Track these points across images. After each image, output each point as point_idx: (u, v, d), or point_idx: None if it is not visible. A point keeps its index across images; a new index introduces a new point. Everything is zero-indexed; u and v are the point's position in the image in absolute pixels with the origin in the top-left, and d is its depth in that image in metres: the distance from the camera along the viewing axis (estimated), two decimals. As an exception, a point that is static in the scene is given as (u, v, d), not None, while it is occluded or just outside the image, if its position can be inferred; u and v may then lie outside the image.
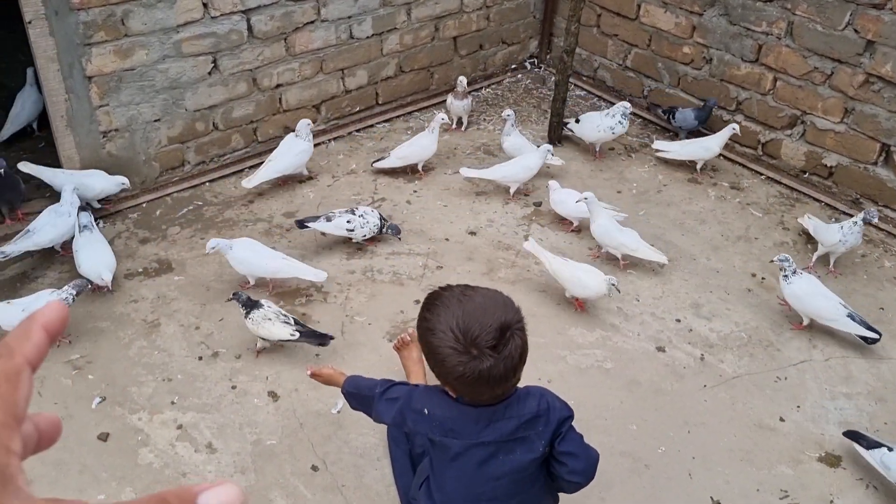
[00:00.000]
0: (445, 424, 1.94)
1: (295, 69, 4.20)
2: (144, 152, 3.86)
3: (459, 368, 1.76)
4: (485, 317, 1.76)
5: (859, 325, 3.17)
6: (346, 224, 3.55)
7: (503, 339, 1.75)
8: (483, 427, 1.92)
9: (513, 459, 1.95)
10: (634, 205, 4.09)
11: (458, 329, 1.75)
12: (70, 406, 2.85)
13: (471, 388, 1.83)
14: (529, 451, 1.95)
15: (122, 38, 3.53)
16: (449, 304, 1.81)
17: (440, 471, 2.05)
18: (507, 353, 1.76)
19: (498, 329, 1.75)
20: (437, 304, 1.84)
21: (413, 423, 1.99)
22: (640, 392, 3.04)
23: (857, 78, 3.87)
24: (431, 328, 1.81)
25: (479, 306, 1.79)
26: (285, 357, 3.09)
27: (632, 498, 2.63)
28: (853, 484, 2.72)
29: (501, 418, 1.92)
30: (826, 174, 4.15)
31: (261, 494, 2.58)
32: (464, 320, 1.76)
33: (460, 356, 1.75)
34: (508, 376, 1.81)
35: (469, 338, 1.74)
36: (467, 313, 1.77)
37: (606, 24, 4.92)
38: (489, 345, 1.74)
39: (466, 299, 1.81)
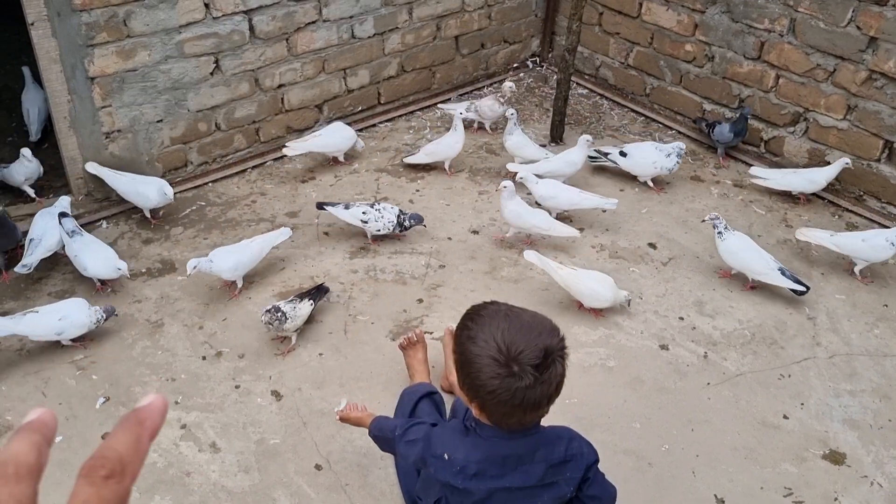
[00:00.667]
0: (469, 469, 1.87)
1: (297, 69, 4.21)
2: (147, 153, 3.86)
3: (495, 382, 1.68)
4: (531, 336, 1.69)
5: (789, 280, 3.36)
6: (362, 215, 3.56)
7: (546, 361, 1.68)
8: (511, 470, 1.85)
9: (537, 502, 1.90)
10: (637, 202, 4.09)
11: (502, 341, 1.68)
12: (74, 406, 2.86)
13: (500, 409, 1.74)
14: (556, 498, 1.90)
15: (124, 38, 3.53)
16: (495, 316, 1.74)
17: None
18: (546, 377, 1.69)
19: (543, 350, 1.68)
20: (483, 315, 1.77)
21: (435, 469, 1.91)
22: (644, 390, 3.03)
23: (859, 75, 3.86)
24: (473, 337, 1.73)
25: (527, 324, 1.72)
26: (289, 356, 3.10)
27: (635, 496, 2.63)
28: (858, 481, 2.71)
29: (530, 461, 1.86)
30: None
31: (264, 493, 2.58)
32: (510, 334, 1.69)
33: (499, 368, 1.68)
34: (542, 403, 1.74)
35: (513, 352, 1.67)
36: (514, 328, 1.70)
37: (608, 23, 4.91)
38: (532, 363, 1.67)
39: (514, 315, 1.74)
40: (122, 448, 0.50)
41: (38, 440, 0.50)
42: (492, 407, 1.76)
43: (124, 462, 0.49)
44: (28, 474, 0.48)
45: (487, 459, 1.85)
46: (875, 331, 3.35)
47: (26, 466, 0.48)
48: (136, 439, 0.51)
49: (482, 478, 1.86)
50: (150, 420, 0.53)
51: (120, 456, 0.49)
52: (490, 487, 1.87)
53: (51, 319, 2.95)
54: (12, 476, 0.48)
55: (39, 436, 0.51)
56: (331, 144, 4.15)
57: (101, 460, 0.49)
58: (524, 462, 1.85)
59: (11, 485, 0.47)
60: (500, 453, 1.85)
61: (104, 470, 0.49)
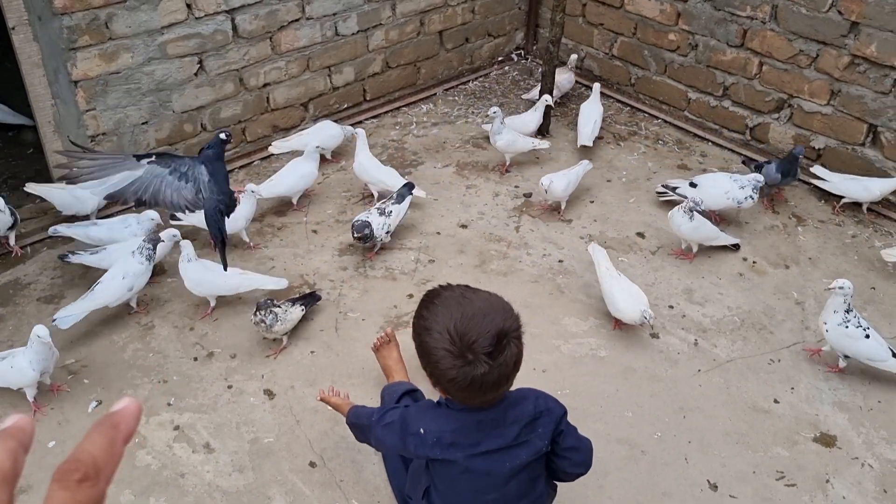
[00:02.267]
0: (444, 439, 1.92)
1: (281, 68, 4.20)
2: (133, 155, 3.85)
3: (452, 372, 1.74)
4: (483, 322, 1.73)
5: (728, 237, 3.68)
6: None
7: (500, 346, 1.73)
8: (485, 436, 1.91)
9: (518, 463, 1.94)
10: (625, 192, 4.10)
11: (455, 332, 1.73)
12: (66, 411, 2.85)
13: (462, 393, 1.82)
14: (534, 453, 1.96)
15: (106, 41, 3.52)
16: (448, 304, 1.78)
17: (445, 485, 2.02)
18: (502, 360, 1.74)
19: (495, 336, 1.72)
20: (436, 304, 1.81)
21: (414, 447, 1.96)
22: (635, 379, 3.05)
23: (842, 60, 3.88)
24: (428, 328, 1.78)
25: (479, 310, 1.75)
26: (281, 355, 3.10)
27: (629, 484, 2.64)
28: (849, 463, 2.74)
29: (502, 425, 1.91)
30: (814, 157, 4.16)
31: (259, 492, 2.58)
32: (462, 323, 1.73)
33: (454, 360, 1.73)
34: (501, 383, 1.80)
35: (465, 342, 1.72)
36: (466, 317, 1.74)
37: (592, 14, 4.92)
38: (485, 351, 1.72)
39: (466, 302, 1.78)
40: (97, 451, 0.50)
41: (14, 446, 0.50)
42: (454, 392, 1.83)
43: (98, 465, 0.49)
44: (3, 480, 0.48)
45: (461, 429, 1.91)
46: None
47: (1, 473, 0.48)
48: (111, 443, 0.51)
49: (459, 446, 1.91)
50: (124, 424, 0.53)
51: (94, 459, 0.49)
52: (468, 454, 1.91)
53: (117, 280, 3.04)
54: None
55: (15, 442, 0.50)
56: (316, 143, 4.13)
57: (75, 464, 0.49)
58: (497, 426, 1.91)
59: None
60: (472, 421, 1.91)
61: (78, 473, 0.48)
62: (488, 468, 1.93)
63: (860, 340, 2.92)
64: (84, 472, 0.49)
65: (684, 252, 3.66)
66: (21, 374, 2.70)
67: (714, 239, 3.61)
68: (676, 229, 3.57)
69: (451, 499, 2.04)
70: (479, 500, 1.99)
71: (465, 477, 1.96)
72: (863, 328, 2.93)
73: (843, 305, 2.92)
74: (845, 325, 2.91)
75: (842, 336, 2.93)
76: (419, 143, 4.47)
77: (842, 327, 2.92)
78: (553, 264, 3.60)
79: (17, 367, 2.69)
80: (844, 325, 2.92)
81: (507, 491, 1.98)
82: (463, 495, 2.01)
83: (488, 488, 1.97)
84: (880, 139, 3.90)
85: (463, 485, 1.98)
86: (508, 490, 1.98)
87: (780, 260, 3.67)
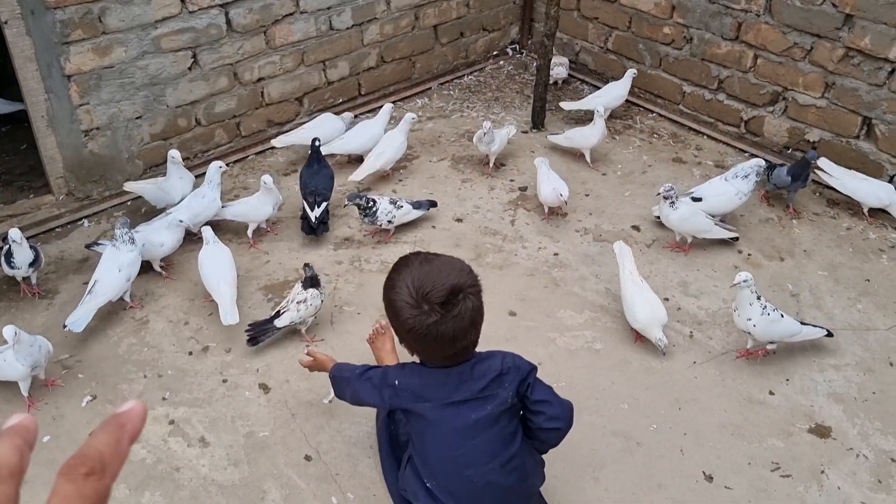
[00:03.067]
0: (415, 391, 2.07)
1: (276, 62, 4.19)
2: (127, 150, 3.84)
3: (410, 321, 1.91)
4: (439, 277, 1.92)
5: (723, 230, 3.64)
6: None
7: (454, 299, 1.90)
8: (453, 389, 2.04)
9: (484, 414, 2.04)
10: (620, 186, 4.10)
11: (412, 285, 1.92)
12: (61, 405, 2.84)
13: (422, 345, 1.98)
14: (500, 404, 2.06)
15: (99, 35, 3.51)
16: (411, 265, 1.98)
17: (420, 440, 2.13)
18: (456, 312, 1.90)
19: (450, 289, 1.90)
20: (402, 265, 2.01)
21: (389, 398, 2.11)
22: (631, 371, 3.05)
23: (836, 52, 3.89)
24: (393, 285, 1.97)
25: (437, 268, 1.95)
26: (275, 349, 3.09)
27: (625, 476, 2.65)
28: (844, 454, 2.74)
29: (469, 379, 2.04)
30: (809, 149, 4.17)
31: (255, 486, 2.58)
32: (420, 278, 1.92)
33: (412, 310, 1.91)
34: (458, 337, 1.93)
35: (421, 293, 1.90)
36: (424, 273, 1.93)
37: (586, 7, 4.92)
38: (438, 301, 1.89)
39: (427, 262, 1.98)
40: (103, 448, 0.52)
41: (20, 444, 0.52)
42: (415, 344, 2.00)
43: (105, 461, 0.51)
44: (10, 476, 0.49)
45: (433, 382, 2.06)
46: (858, 305, 3.38)
47: (8, 468, 0.50)
48: (117, 440, 0.53)
49: (428, 399, 2.05)
50: (130, 423, 0.55)
51: (101, 455, 0.51)
52: (437, 405, 2.04)
53: (113, 274, 3.08)
54: None
55: (21, 439, 0.52)
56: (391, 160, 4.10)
57: (82, 458, 0.51)
58: (465, 379, 2.04)
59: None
60: (441, 376, 2.05)
61: (84, 468, 0.50)
62: (454, 420, 2.04)
63: (779, 322, 2.96)
64: (90, 466, 0.50)
65: (679, 244, 3.65)
66: (11, 369, 2.69)
67: (707, 232, 3.61)
68: (665, 220, 3.57)
69: (427, 458, 2.13)
70: (450, 456, 2.08)
71: (435, 430, 2.06)
72: (774, 309, 2.97)
73: (753, 296, 2.94)
74: (767, 313, 2.93)
75: (768, 324, 2.94)
76: (414, 138, 4.46)
77: (765, 315, 2.93)
78: (548, 257, 3.60)
79: (8, 362, 2.69)
80: (766, 313, 2.93)
81: (475, 446, 2.06)
82: (434, 450, 2.10)
83: (456, 443, 2.06)
84: (874, 132, 3.91)
85: (433, 438, 2.08)
86: (477, 446, 2.06)
87: (775, 252, 3.67)
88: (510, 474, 2.11)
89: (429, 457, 2.12)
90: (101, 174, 3.80)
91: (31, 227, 3.63)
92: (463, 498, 2.11)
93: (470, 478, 2.07)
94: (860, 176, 3.88)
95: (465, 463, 2.07)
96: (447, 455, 2.08)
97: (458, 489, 2.10)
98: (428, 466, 2.13)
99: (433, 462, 2.11)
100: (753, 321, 2.93)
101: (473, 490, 2.09)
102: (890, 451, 2.75)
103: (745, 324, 2.96)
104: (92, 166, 3.75)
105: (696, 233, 3.61)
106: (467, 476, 2.07)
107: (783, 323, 2.97)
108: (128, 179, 3.88)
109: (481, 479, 2.07)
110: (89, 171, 3.76)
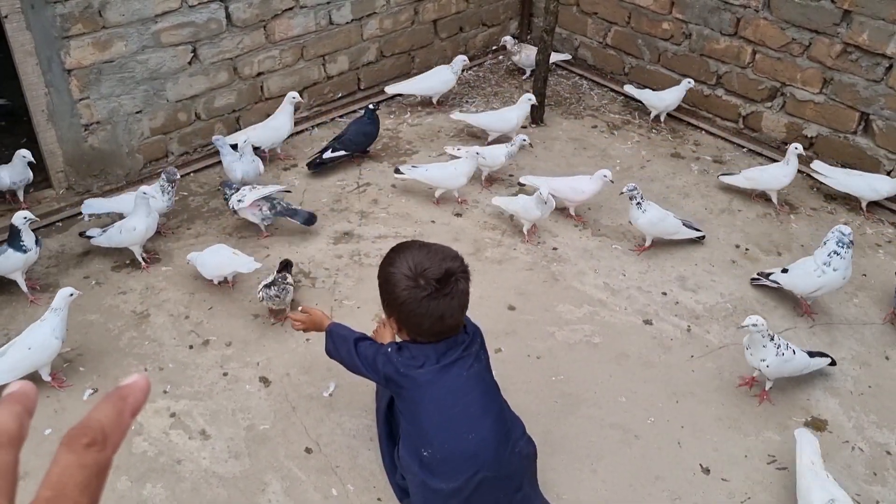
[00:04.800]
0: (408, 359, 2.19)
1: (275, 56, 4.20)
2: (127, 144, 3.85)
3: (405, 294, 2.08)
4: (436, 259, 2.12)
5: (690, 230, 3.63)
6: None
7: (448, 280, 2.08)
8: (442, 353, 2.17)
9: (474, 371, 2.20)
10: (618, 181, 4.11)
11: (412, 263, 2.11)
12: (62, 399, 2.86)
13: (412, 318, 2.12)
14: (481, 359, 2.25)
15: (100, 29, 3.51)
16: (411, 248, 2.18)
17: (413, 411, 2.20)
18: (448, 291, 2.08)
19: (445, 271, 2.09)
20: (402, 247, 2.20)
21: (382, 364, 2.22)
22: (629, 365, 3.07)
23: (834, 48, 3.90)
24: (391, 261, 2.16)
25: (434, 252, 2.15)
26: (276, 343, 3.11)
27: (622, 468, 2.67)
28: (839, 446, 2.76)
29: (455, 344, 2.19)
30: (807, 145, 4.18)
31: (256, 478, 2.60)
32: (419, 257, 2.12)
33: (408, 282, 2.08)
34: (446, 315, 2.10)
35: (419, 270, 2.09)
36: (423, 254, 2.13)
37: (586, 3, 4.92)
38: (434, 278, 2.07)
39: (424, 248, 2.18)
40: (105, 419, 0.51)
41: (20, 410, 0.52)
42: (406, 317, 2.13)
43: (106, 432, 0.51)
44: (9, 442, 0.50)
45: (423, 352, 2.19)
46: (854, 300, 3.40)
47: (7, 435, 0.50)
48: (119, 413, 0.52)
49: (421, 364, 2.16)
50: (132, 397, 0.54)
51: (102, 426, 0.51)
52: (433, 367, 2.15)
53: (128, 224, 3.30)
54: None
55: (21, 406, 0.52)
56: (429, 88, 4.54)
57: (84, 429, 0.51)
58: (451, 346, 2.18)
59: None
60: (430, 348, 2.18)
61: (86, 438, 0.50)
62: (448, 380, 2.16)
63: (792, 360, 2.82)
64: (92, 437, 0.50)
65: (643, 247, 3.63)
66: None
67: (675, 234, 3.60)
68: (634, 222, 3.57)
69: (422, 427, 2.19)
70: (445, 418, 2.16)
71: (430, 394, 2.16)
72: (787, 346, 2.82)
73: (766, 338, 2.76)
74: (782, 353, 2.78)
75: (781, 363, 2.79)
76: (413, 132, 4.48)
77: (779, 357, 2.78)
78: (547, 252, 3.62)
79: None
80: (780, 352, 2.78)
81: (470, 401, 2.17)
82: (430, 415, 2.17)
83: (452, 401, 2.16)
84: (872, 127, 3.92)
85: (429, 402, 2.17)
86: (471, 401, 2.17)
87: (773, 247, 3.69)
88: (501, 428, 2.20)
89: (424, 424, 2.18)
90: (101, 168, 3.81)
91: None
92: (457, 460, 2.15)
93: (465, 435, 2.15)
94: (855, 172, 3.90)
95: (461, 420, 2.16)
96: (444, 416, 2.16)
97: (454, 451, 2.15)
98: (423, 435, 2.19)
99: (428, 428, 2.18)
100: (767, 362, 2.78)
101: (468, 448, 2.14)
102: (885, 443, 2.78)
103: (759, 363, 2.80)
104: (92, 160, 3.76)
105: (665, 235, 3.60)
106: (463, 433, 2.15)
107: (795, 360, 2.83)
108: (128, 174, 3.90)
109: (477, 435, 2.15)
110: (89, 165, 3.77)
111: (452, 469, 2.15)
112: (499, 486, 2.20)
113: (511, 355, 3.07)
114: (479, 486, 2.15)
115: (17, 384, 0.54)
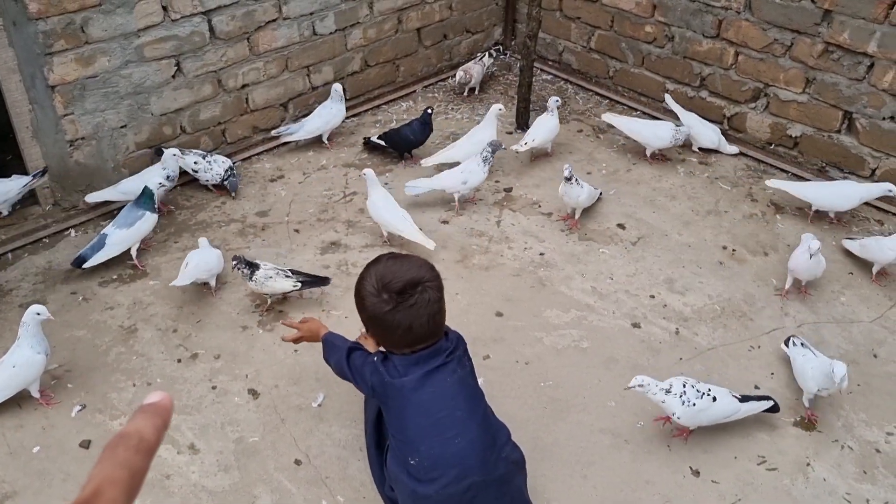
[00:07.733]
0: (391, 368, 2.20)
1: (260, 68, 4.20)
2: (113, 159, 3.84)
3: (371, 308, 2.11)
4: (401, 270, 2.12)
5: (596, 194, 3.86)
6: (193, 164, 3.89)
7: (412, 290, 2.08)
8: (426, 362, 2.17)
9: (458, 377, 2.19)
10: (605, 184, 4.13)
11: (377, 277, 2.13)
12: (50, 416, 2.85)
13: (381, 331, 2.15)
14: (464, 365, 2.26)
15: (82, 45, 3.51)
16: (381, 260, 2.20)
17: (399, 420, 2.20)
18: (412, 302, 2.07)
19: (408, 281, 2.09)
20: (375, 261, 2.22)
21: (370, 374, 2.23)
22: (618, 369, 3.07)
23: (816, 48, 3.92)
24: (362, 276, 2.19)
25: (401, 263, 2.16)
26: (265, 354, 3.11)
27: (613, 473, 2.67)
28: (829, 446, 2.77)
29: (437, 352, 2.18)
30: (791, 145, 4.21)
31: (245, 491, 2.59)
32: (384, 270, 2.13)
33: (374, 297, 2.10)
34: (413, 326, 2.09)
35: (382, 283, 2.10)
36: (389, 267, 2.15)
37: (569, 8, 4.94)
38: (395, 290, 2.08)
39: (395, 259, 2.20)
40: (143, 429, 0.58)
41: (160, 424, 0.58)
42: (376, 330, 2.18)
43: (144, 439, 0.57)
44: (147, 450, 0.56)
45: (405, 361, 2.18)
46: (841, 298, 3.41)
47: (147, 443, 0.56)
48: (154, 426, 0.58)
49: (406, 373, 2.16)
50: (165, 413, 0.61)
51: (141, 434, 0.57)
52: (418, 376, 2.15)
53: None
54: (133, 447, 0.56)
55: (161, 420, 0.59)
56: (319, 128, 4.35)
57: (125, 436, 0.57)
58: (433, 354, 2.18)
59: (131, 454, 0.55)
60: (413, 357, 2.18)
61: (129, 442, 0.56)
62: (433, 386, 2.16)
63: (710, 408, 2.65)
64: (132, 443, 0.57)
65: (569, 216, 3.82)
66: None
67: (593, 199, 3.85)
68: (574, 200, 3.71)
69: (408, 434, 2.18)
70: (431, 422, 2.15)
71: (416, 401, 2.15)
72: (700, 396, 2.64)
73: (660, 393, 2.63)
74: (691, 404, 2.61)
75: (695, 413, 2.63)
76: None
77: (689, 408, 2.61)
78: (534, 257, 3.63)
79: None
80: (690, 404, 2.61)
81: (455, 406, 2.16)
82: (416, 423, 2.16)
83: (437, 407, 2.16)
84: (855, 125, 3.94)
85: (414, 410, 2.16)
86: (457, 405, 2.17)
87: (760, 248, 3.70)
88: (486, 432, 2.20)
89: (409, 432, 2.18)
90: (87, 184, 3.80)
91: (19, 238, 3.64)
92: (445, 465, 2.13)
93: (452, 439, 2.14)
94: (844, 182, 3.89)
95: (447, 423, 2.15)
96: (429, 421, 2.15)
97: (441, 456, 2.13)
98: (409, 443, 2.17)
99: (414, 435, 2.17)
100: (678, 414, 2.62)
101: (455, 451, 2.13)
102: (874, 441, 2.78)
103: (672, 416, 2.65)
104: (77, 176, 3.75)
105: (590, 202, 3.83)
106: (449, 437, 2.14)
107: (715, 409, 2.65)
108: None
109: (463, 439, 2.14)
110: (75, 180, 3.76)
111: (440, 474, 2.14)
112: (491, 493, 2.19)
113: (499, 362, 3.07)
114: (469, 491, 2.14)
115: (159, 395, 0.61)
